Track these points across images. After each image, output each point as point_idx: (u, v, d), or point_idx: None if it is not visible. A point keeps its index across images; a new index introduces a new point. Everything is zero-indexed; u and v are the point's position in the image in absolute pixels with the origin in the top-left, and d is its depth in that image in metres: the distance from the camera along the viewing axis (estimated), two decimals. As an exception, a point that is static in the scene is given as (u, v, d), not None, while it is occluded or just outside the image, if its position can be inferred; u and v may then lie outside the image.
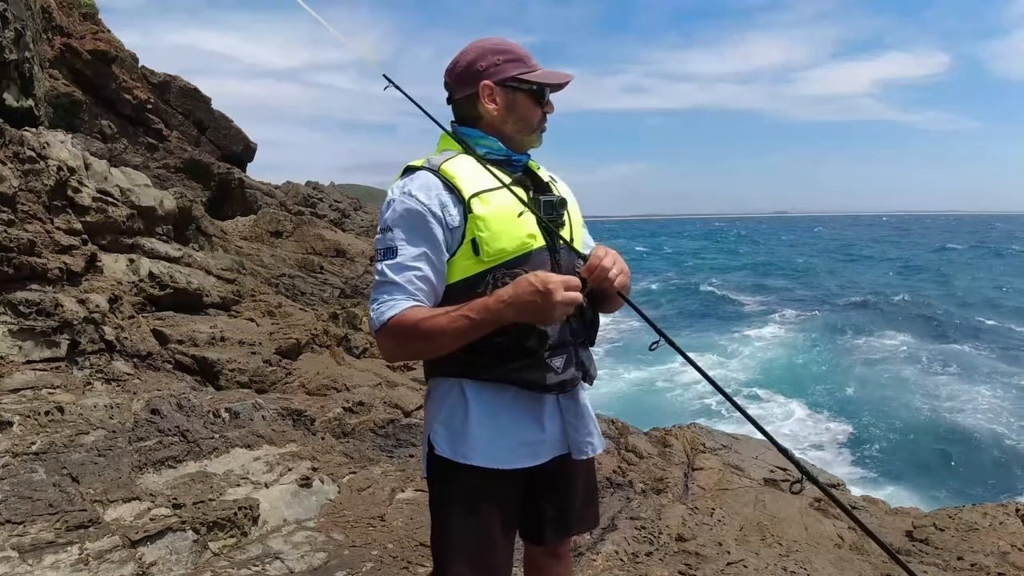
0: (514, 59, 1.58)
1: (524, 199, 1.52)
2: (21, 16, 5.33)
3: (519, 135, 1.61)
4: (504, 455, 1.51)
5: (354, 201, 21.13)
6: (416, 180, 1.52)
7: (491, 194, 1.49)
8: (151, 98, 13.11)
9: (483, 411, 1.50)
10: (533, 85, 1.58)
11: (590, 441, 1.61)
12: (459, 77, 1.61)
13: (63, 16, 11.36)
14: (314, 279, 11.51)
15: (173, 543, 2.68)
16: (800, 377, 15.43)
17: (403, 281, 1.44)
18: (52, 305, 4.14)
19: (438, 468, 1.54)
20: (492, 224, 1.47)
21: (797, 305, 27.01)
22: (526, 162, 1.66)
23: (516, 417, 1.53)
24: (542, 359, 1.49)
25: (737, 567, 3.12)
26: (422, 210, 1.46)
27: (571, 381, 1.56)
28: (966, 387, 13.93)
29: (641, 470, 4.36)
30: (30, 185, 4.69)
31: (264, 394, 4.93)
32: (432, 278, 1.46)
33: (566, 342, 1.55)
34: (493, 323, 1.39)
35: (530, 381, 1.50)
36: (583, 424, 1.61)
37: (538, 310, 1.36)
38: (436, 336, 1.40)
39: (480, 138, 1.59)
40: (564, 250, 1.57)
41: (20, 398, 3.51)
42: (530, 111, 1.60)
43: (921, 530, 3.78)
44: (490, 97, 1.57)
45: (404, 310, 1.42)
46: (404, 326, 1.42)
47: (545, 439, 1.56)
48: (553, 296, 1.33)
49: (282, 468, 3.46)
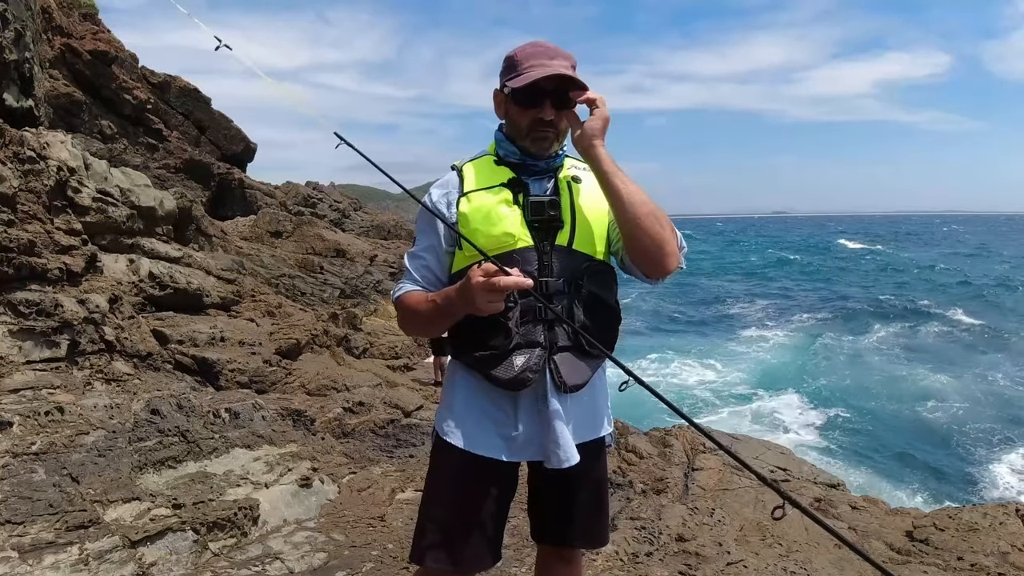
0: (510, 65, 1.60)
1: (509, 199, 1.56)
2: (21, 16, 5.33)
3: (520, 139, 1.61)
4: (478, 441, 1.59)
5: (354, 201, 21.14)
6: (442, 179, 1.68)
7: (476, 194, 1.58)
8: (151, 98, 13.11)
9: (465, 394, 1.63)
10: (509, 90, 1.57)
11: (556, 452, 1.55)
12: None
13: (63, 16, 11.36)
14: (314, 279, 11.52)
15: (173, 543, 2.68)
16: (797, 374, 15.44)
17: (412, 269, 1.65)
18: (52, 305, 4.14)
19: (434, 441, 1.71)
20: (471, 222, 1.56)
21: (794, 304, 27.08)
22: (551, 165, 1.63)
23: (493, 406, 1.59)
24: (505, 354, 1.51)
25: (737, 567, 3.12)
26: (431, 207, 1.62)
27: (522, 381, 1.52)
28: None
29: (641, 470, 4.36)
30: (30, 185, 4.69)
31: (264, 394, 4.93)
32: (433, 268, 1.64)
33: (535, 343, 1.53)
34: (449, 308, 1.49)
35: (488, 373, 1.54)
36: (549, 431, 1.56)
37: (466, 296, 1.42)
38: (418, 315, 1.59)
39: (500, 141, 1.67)
40: (561, 251, 1.55)
41: (20, 398, 3.51)
42: (518, 116, 1.59)
43: (921, 530, 3.78)
44: (498, 104, 1.67)
45: (407, 291, 1.63)
46: (402, 305, 1.64)
47: (519, 438, 1.57)
48: (470, 280, 1.39)
49: (282, 468, 3.46)
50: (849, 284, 34.41)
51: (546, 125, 1.56)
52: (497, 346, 1.51)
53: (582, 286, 1.55)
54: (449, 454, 1.62)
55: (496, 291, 1.36)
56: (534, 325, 1.53)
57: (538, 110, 1.55)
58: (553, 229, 1.56)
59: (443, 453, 1.64)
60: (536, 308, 1.52)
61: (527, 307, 1.52)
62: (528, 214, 1.55)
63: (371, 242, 16.00)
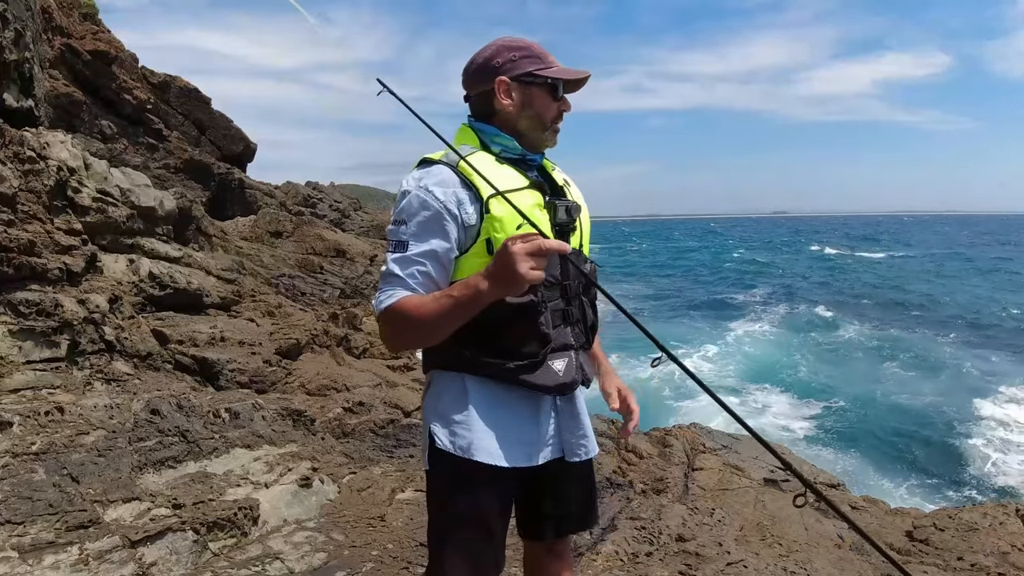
0: (531, 56, 1.58)
1: (541, 203, 1.53)
2: (21, 16, 5.32)
3: (533, 132, 1.60)
4: (502, 452, 1.51)
5: (354, 201, 21.12)
6: (433, 174, 1.50)
7: (513, 195, 1.48)
8: (151, 98, 13.10)
9: (483, 407, 1.51)
10: (548, 79, 1.58)
11: (584, 444, 1.61)
12: (475, 74, 1.61)
13: (63, 16, 11.36)
14: (314, 279, 11.51)
15: (173, 543, 2.68)
16: (794, 372, 15.43)
17: (405, 275, 1.45)
18: (52, 305, 4.14)
19: (438, 461, 1.54)
20: (509, 226, 1.46)
21: (789, 299, 27.23)
22: (540, 162, 1.65)
23: (515, 415, 1.53)
24: (543, 360, 1.50)
25: (737, 567, 3.12)
26: (438, 207, 1.46)
27: (571, 384, 1.56)
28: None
29: (641, 470, 4.36)
30: (30, 185, 4.69)
31: (264, 394, 4.92)
32: (434, 275, 1.46)
33: (568, 345, 1.55)
34: (473, 299, 1.38)
35: (531, 382, 1.50)
36: (578, 427, 1.61)
37: (504, 268, 1.33)
38: (426, 319, 1.42)
39: (495, 135, 1.59)
40: (575, 254, 1.56)
41: (20, 398, 3.51)
42: (545, 106, 1.59)
43: (921, 530, 3.78)
44: (506, 93, 1.57)
45: (401, 298, 1.44)
46: (398, 312, 1.44)
47: (540, 440, 1.56)
48: (509, 248, 1.31)
49: (282, 468, 3.46)
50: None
51: (560, 118, 1.62)
52: (535, 353, 1.48)
53: (590, 288, 1.61)
54: (470, 473, 1.50)
55: (540, 255, 1.33)
56: (564, 327, 1.54)
57: (563, 102, 1.61)
58: (567, 233, 1.57)
59: (459, 472, 1.51)
60: (564, 311, 1.54)
61: (556, 309, 1.53)
62: (558, 218, 1.54)
63: (371, 242, 15.98)
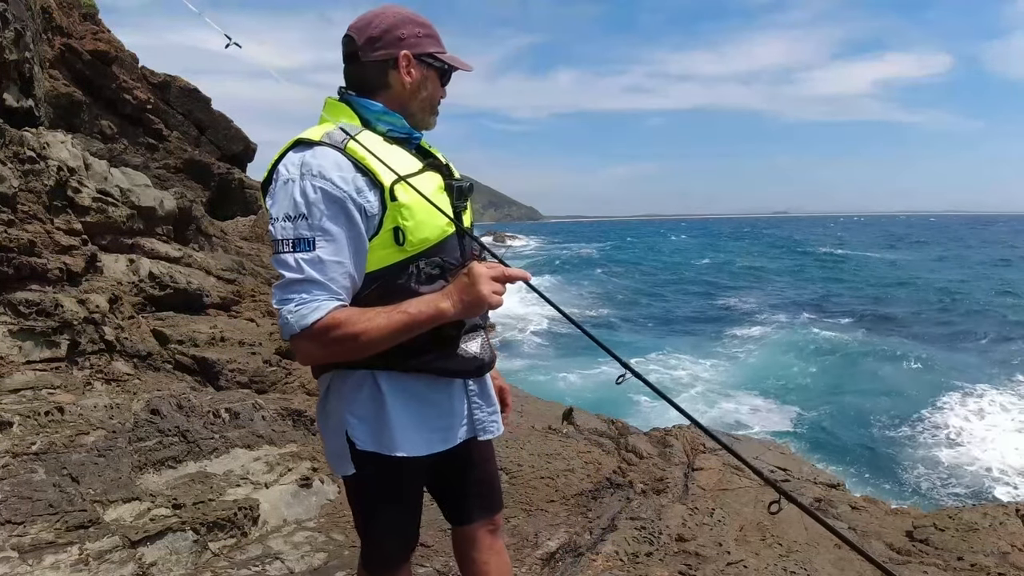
0: (432, 36, 1.55)
1: (441, 186, 1.49)
2: (21, 16, 5.32)
3: (422, 113, 1.56)
4: (423, 443, 1.51)
5: (354, 201, 21.10)
6: (320, 157, 1.34)
7: (415, 179, 1.41)
8: (151, 98, 13.09)
9: (400, 401, 1.47)
10: (445, 65, 1.56)
11: (495, 421, 1.64)
12: (375, 39, 1.48)
13: (63, 16, 11.35)
14: (314, 279, 11.50)
15: (173, 543, 2.68)
16: (794, 372, 15.44)
17: (324, 279, 1.30)
18: (52, 305, 4.14)
19: (365, 463, 1.49)
20: (417, 213, 1.38)
21: (788, 304, 27.18)
22: (419, 141, 1.60)
23: (432, 404, 1.53)
24: (456, 345, 1.50)
25: (737, 567, 3.11)
26: (341, 196, 1.32)
27: (489, 364, 1.59)
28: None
29: (641, 470, 4.36)
30: (30, 185, 4.69)
31: (264, 394, 4.92)
32: (353, 273, 1.35)
33: (477, 325, 1.55)
34: (433, 318, 1.35)
35: (448, 368, 1.50)
36: (488, 404, 1.63)
37: (469, 294, 1.35)
38: (373, 337, 1.31)
39: (383, 113, 1.49)
40: (465, 234, 1.54)
41: (20, 398, 3.51)
42: (436, 90, 1.57)
43: (921, 530, 3.77)
44: (406, 69, 1.49)
45: (331, 311, 1.29)
46: (333, 327, 1.29)
47: (455, 423, 1.57)
48: (478, 276, 1.34)
49: (282, 468, 3.46)
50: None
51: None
52: (454, 339, 1.48)
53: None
54: (393, 468, 1.50)
55: (503, 280, 1.36)
56: None
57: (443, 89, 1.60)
58: (459, 213, 1.54)
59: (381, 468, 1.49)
60: None
61: None
62: (455, 199, 1.52)
63: (371, 242, 15.99)
